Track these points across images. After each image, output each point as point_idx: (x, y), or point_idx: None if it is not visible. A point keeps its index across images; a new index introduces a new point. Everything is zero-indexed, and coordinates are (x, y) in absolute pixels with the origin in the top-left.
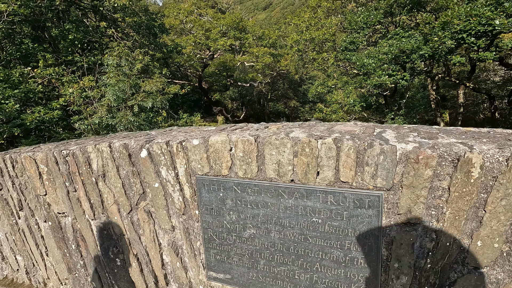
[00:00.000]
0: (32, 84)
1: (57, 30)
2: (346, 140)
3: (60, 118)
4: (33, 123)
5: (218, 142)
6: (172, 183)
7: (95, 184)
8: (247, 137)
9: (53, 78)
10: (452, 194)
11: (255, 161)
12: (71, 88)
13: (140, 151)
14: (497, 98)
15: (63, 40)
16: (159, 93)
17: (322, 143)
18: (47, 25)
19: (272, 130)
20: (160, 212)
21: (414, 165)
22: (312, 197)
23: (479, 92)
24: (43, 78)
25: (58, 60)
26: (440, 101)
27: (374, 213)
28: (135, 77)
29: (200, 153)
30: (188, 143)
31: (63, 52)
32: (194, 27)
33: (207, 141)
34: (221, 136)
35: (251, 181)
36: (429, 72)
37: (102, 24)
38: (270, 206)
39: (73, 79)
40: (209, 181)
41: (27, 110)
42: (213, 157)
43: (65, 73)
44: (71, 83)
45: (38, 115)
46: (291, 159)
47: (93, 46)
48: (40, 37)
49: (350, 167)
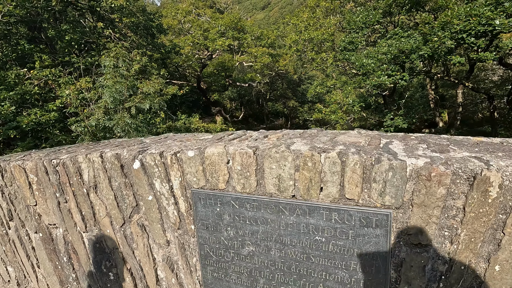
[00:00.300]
0: (28, 85)
1: (53, 31)
2: (352, 154)
3: (57, 120)
4: (29, 125)
5: (214, 154)
6: (166, 196)
7: (87, 196)
8: (245, 149)
9: (50, 80)
10: (467, 214)
11: (254, 175)
12: (67, 90)
13: (132, 162)
14: (496, 98)
15: (60, 41)
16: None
17: (325, 157)
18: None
19: (272, 141)
20: (154, 226)
21: (426, 182)
22: (315, 214)
23: (478, 91)
24: (39, 80)
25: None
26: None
27: (382, 233)
28: (133, 78)
29: (195, 165)
30: (183, 154)
31: (59, 53)
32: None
33: (203, 153)
34: (218, 147)
35: (249, 196)
36: (428, 72)
37: (99, 24)
38: (270, 222)
39: (69, 81)
40: (205, 195)
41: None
42: (210, 170)
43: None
44: (68, 85)
45: (34, 117)
46: (292, 173)
47: (90, 47)
48: (36, 38)
49: (356, 184)
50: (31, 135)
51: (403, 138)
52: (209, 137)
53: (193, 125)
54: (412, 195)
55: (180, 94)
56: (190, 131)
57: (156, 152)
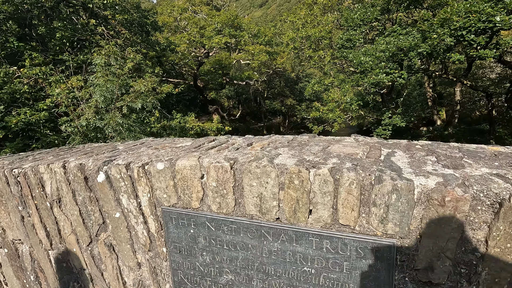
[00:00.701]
0: (18, 84)
1: (44, 28)
2: (347, 171)
3: (48, 120)
4: (18, 125)
5: (186, 168)
6: (134, 214)
7: (50, 210)
8: (221, 162)
9: (40, 78)
10: (490, 249)
11: (231, 193)
12: (57, 89)
13: (97, 174)
14: (494, 96)
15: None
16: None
17: (315, 174)
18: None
19: (255, 151)
20: (123, 247)
21: (439, 208)
22: (303, 242)
23: (476, 89)
24: (29, 78)
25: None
26: (436, 98)
27: (383, 266)
28: (126, 77)
29: (165, 180)
30: (151, 167)
31: (51, 51)
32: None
33: (173, 166)
34: (190, 159)
35: (227, 217)
36: (426, 70)
37: (92, 21)
38: (251, 248)
39: (60, 79)
40: (177, 214)
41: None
42: (181, 185)
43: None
44: (58, 83)
45: (24, 117)
46: (276, 192)
47: (83, 44)
48: (27, 35)
49: (351, 207)
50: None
51: (407, 147)
52: (187, 145)
53: (188, 124)
54: (421, 223)
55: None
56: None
57: (123, 164)
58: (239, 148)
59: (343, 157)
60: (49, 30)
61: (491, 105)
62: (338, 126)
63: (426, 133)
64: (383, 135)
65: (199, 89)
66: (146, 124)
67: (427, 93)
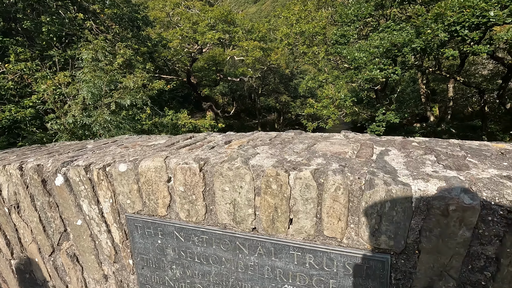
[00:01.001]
0: (2, 80)
1: (29, 22)
2: (333, 173)
3: (34, 117)
4: (3, 122)
5: (150, 170)
6: (97, 222)
7: (9, 216)
8: (189, 163)
9: (26, 74)
10: (503, 268)
11: (201, 198)
12: (43, 85)
13: (54, 177)
14: (486, 92)
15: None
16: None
17: (296, 178)
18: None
19: (231, 150)
20: (87, 258)
21: (441, 219)
22: (283, 255)
23: (469, 86)
24: (14, 74)
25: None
26: (430, 95)
27: (375, 286)
28: (116, 72)
29: (128, 183)
30: (113, 168)
31: (37, 46)
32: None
33: (137, 167)
34: (155, 160)
35: (197, 227)
36: (420, 66)
37: (80, 15)
38: (225, 262)
39: (47, 75)
40: (143, 223)
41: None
42: (146, 190)
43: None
44: (45, 79)
45: (9, 114)
46: (251, 198)
47: (71, 39)
48: (13, 30)
49: (338, 216)
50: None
51: (403, 145)
52: (161, 143)
53: (181, 121)
54: (420, 236)
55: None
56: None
57: (82, 165)
58: (214, 147)
59: (329, 156)
60: (35, 25)
61: (484, 101)
62: (332, 123)
63: (419, 129)
64: (377, 131)
65: (192, 86)
66: (137, 121)
67: (420, 89)
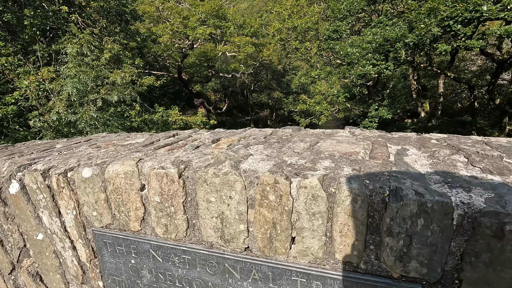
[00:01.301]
0: None
1: (10, 14)
2: (347, 181)
3: (17, 114)
4: None
5: (119, 176)
6: (60, 237)
7: None
8: (167, 168)
9: (7, 69)
10: None
11: (181, 211)
12: (26, 81)
13: (9, 184)
14: (476, 88)
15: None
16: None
17: (299, 186)
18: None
19: (218, 150)
20: (52, 277)
21: (493, 241)
22: (284, 282)
23: (460, 81)
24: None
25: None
26: (421, 91)
27: None
28: (104, 68)
29: (94, 192)
30: (76, 174)
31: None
32: (171, 15)
33: (104, 172)
34: (125, 164)
35: (177, 245)
36: (412, 61)
37: (64, 8)
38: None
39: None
40: (113, 239)
41: None
42: (115, 200)
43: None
44: (27, 75)
45: None
46: (243, 211)
47: (56, 34)
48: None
49: (354, 235)
50: None
51: (422, 143)
52: (139, 142)
53: (171, 118)
54: (462, 262)
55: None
56: (167, 124)
57: (40, 169)
58: (199, 146)
59: (338, 158)
60: (17, 18)
61: (474, 97)
62: (325, 119)
63: (410, 125)
64: (370, 127)
65: (184, 82)
66: (126, 118)
67: (411, 85)
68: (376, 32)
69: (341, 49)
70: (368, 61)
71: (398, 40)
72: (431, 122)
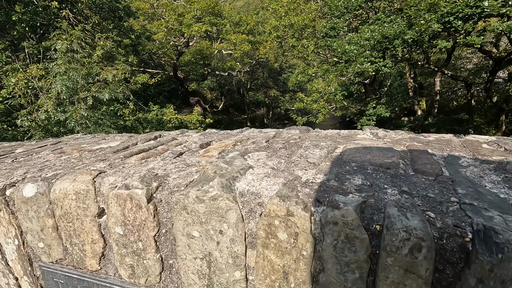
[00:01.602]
0: None
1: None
2: (398, 212)
3: (4, 113)
4: None
5: (69, 196)
6: (2, 271)
7: None
8: (132, 187)
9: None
10: None
11: (152, 248)
12: (14, 78)
13: None
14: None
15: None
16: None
17: (326, 221)
18: None
19: (206, 160)
20: None
21: None
22: None
23: (457, 79)
24: None
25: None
26: (417, 89)
27: None
28: (96, 65)
29: (38, 216)
30: (16, 192)
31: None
32: (166, 12)
33: (50, 191)
34: (78, 180)
35: None
36: (409, 59)
37: (54, 4)
38: None
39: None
40: (66, 279)
41: None
42: (66, 228)
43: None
44: (15, 72)
45: None
46: (239, 253)
47: (46, 30)
48: None
49: None
50: None
51: (471, 148)
52: (113, 145)
53: (166, 116)
54: None
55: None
56: (162, 123)
57: None
58: (183, 153)
59: (372, 171)
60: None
61: (470, 94)
62: (322, 117)
63: (407, 123)
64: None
65: (179, 80)
66: (119, 117)
67: (408, 83)
68: (374, 29)
69: (339, 47)
70: (366, 59)
71: (396, 37)
72: (428, 120)
